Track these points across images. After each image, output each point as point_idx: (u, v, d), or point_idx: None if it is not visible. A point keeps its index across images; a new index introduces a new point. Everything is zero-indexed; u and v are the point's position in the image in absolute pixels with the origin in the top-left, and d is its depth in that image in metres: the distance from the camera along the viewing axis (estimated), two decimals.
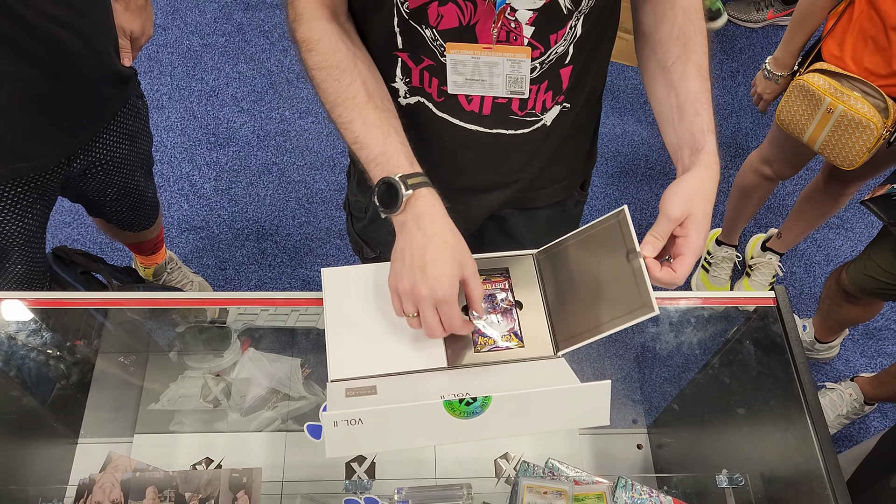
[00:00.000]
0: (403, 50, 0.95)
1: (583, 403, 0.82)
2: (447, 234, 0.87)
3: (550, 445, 1.54)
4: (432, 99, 1.00)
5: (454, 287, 0.85)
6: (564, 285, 0.96)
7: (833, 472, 0.99)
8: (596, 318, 0.91)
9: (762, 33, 3.11)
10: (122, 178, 1.54)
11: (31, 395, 1.36)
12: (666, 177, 2.67)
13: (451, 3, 0.87)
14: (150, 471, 0.91)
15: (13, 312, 1.17)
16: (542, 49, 0.93)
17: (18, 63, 1.15)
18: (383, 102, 0.94)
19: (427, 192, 0.89)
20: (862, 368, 2.29)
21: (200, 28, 2.91)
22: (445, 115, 1.02)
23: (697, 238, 0.87)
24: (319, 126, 2.68)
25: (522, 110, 1.01)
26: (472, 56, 0.92)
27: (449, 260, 0.85)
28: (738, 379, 1.27)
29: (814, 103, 1.62)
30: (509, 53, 0.92)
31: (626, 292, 0.89)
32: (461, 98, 0.98)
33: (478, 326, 0.94)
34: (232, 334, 1.56)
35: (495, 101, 0.99)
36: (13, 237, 1.36)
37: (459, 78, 0.96)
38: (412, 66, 0.97)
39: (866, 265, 1.78)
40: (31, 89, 1.20)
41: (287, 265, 2.36)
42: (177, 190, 2.48)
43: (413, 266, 0.85)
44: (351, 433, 0.77)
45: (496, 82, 0.96)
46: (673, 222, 0.88)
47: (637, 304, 0.87)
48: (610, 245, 0.94)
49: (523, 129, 1.04)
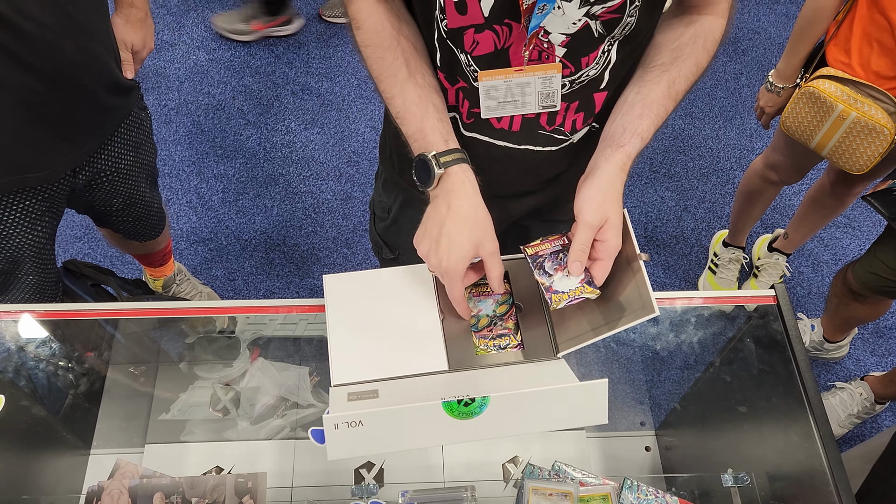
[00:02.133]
0: (441, 68, 0.97)
1: (580, 402, 0.82)
2: (469, 210, 0.90)
3: (558, 449, 1.54)
4: (462, 118, 1.03)
5: (460, 263, 0.89)
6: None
7: (836, 468, 0.99)
8: (597, 319, 0.91)
9: (764, 34, 3.12)
10: (127, 189, 1.57)
11: (44, 407, 1.38)
12: (671, 179, 2.67)
13: (487, 31, 0.89)
14: (156, 477, 0.92)
15: (26, 325, 1.19)
16: (573, 69, 0.94)
17: (18, 73, 1.17)
18: (424, 79, 0.96)
19: (458, 170, 0.92)
20: (872, 367, 2.28)
21: (206, 43, 2.95)
22: (474, 134, 1.04)
23: (615, 241, 0.89)
24: (325, 137, 2.71)
25: (551, 125, 1.02)
26: (504, 80, 0.94)
27: (463, 237, 0.89)
28: (740, 378, 1.27)
29: (824, 110, 1.62)
30: (540, 72, 0.93)
31: (626, 294, 0.89)
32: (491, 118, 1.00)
33: (548, 284, 0.92)
34: (241, 344, 1.57)
35: (524, 117, 1.00)
36: (24, 249, 1.38)
37: (492, 103, 0.98)
38: (448, 86, 0.99)
39: (872, 263, 1.77)
40: (32, 100, 1.22)
41: (294, 274, 2.38)
42: (185, 202, 2.51)
43: (430, 236, 0.91)
44: (352, 435, 0.78)
45: (528, 101, 0.97)
46: (593, 230, 0.89)
47: (638, 306, 0.88)
48: None
49: (551, 146, 1.05)
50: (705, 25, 0.97)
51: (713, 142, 2.79)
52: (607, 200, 0.89)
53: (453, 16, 0.89)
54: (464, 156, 0.94)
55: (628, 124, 0.94)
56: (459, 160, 0.93)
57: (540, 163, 1.08)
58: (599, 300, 0.92)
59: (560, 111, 1.00)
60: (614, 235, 0.88)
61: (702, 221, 2.58)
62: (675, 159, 2.74)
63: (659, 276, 2.46)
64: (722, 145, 2.78)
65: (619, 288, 0.91)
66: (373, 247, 1.52)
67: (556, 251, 0.95)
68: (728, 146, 2.78)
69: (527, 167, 1.09)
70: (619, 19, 0.88)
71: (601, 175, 0.91)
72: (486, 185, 1.12)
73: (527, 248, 0.97)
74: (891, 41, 1.50)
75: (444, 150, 0.93)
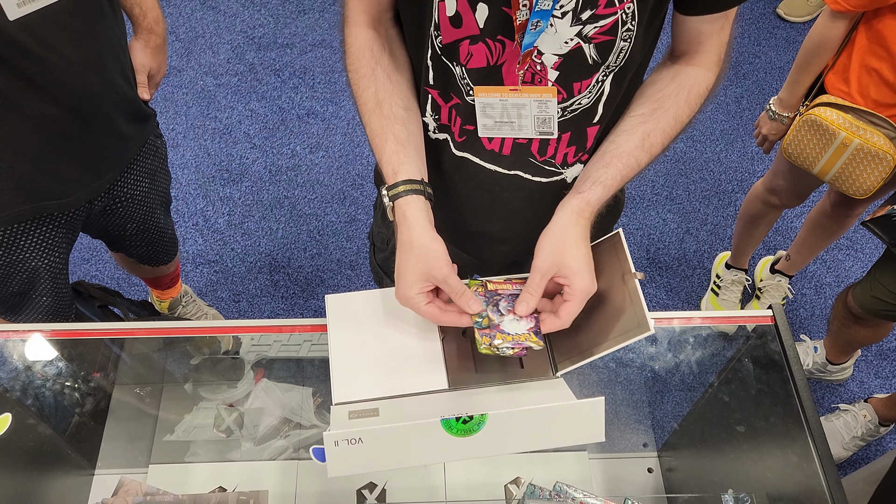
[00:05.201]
0: (434, 86, 0.99)
1: (578, 420, 0.84)
2: (415, 243, 0.92)
3: (561, 470, 1.54)
4: (454, 138, 1.04)
5: (410, 292, 0.91)
6: None
7: (834, 489, 1.00)
8: (594, 338, 0.93)
9: (765, 58, 3.15)
10: (141, 215, 1.59)
11: (50, 426, 1.39)
12: (672, 202, 2.69)
13: (480, 43, 0.91)
14: (160, 495, 0.93)
15: (33, 344, 1.21)
16: (566, 94, 0.95)
17: (40, 103, 1.19)
18: (391, 109, 0.98)
19: (404, 203, 0.94)
20: (877, 390, 2.27)
21: (214, 68, 3.00)
22: (465, 154, 1.06)
23: (580, 283, 0.90)
24: (330, 160, 2.74)
25: (542, 155, 1.03)
26: (500, 98, 0.96)
27: (410, 269, 0.91)
28: (739, 399, 1.28)
29: (826, 137, 1.63)
30: (536, 94, 0.94)
31: (622, 312, 0.91)
32: (483, 137, 1.02)
33: (497, 322, 0.94)
34: (245, 365, 1.59)
35: (516, 142, 1.02)
36: (40, 272, 1.41)
37: (489, 121, 0.99)
38: (441, 103, 1.01)
39: (872, 286, 1.78)
40: (53, 129, 1.24)
41: (299, 296, 2.39)
42: (191, 225, 2.54)
43: (397, 270, 0.93)
44: (351, 452, 0.80)
45: (525, 123, 0.98)
46: (544, 275, 0.91)
47: (633, 324, 0.89)
48: (606, 267, 0.97)
49: (541, 177, 1.06)
50: (691, 78, 0.98)
51: (714, 164, 2.81)
52: (560, 249, 0.91)
53: (448, 30, 0.90)
54: (415, 186, 0.95)
55: (592, 173, 0.96)
56: (407, 191, 0.94)
57: (530, 194, 1.08)
58: (596, 320, 0.94)
59: (552, 142, 1.01)
60: (578, 279, 0.90)
61: (704, 243, 2.60)
62: (677, 182, 2.76)
63: (661, 298, 2.47)
64: (723, 168, 2.80)
65: (615, 307, 0.92)
66: (374, 277, 1.54)
67: (514, 294, 0.97)
68: (729, 169, 2.80)
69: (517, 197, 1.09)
70: (612, 42, 0.89)
71: (556, 222, 0.94)
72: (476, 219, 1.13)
73: (488, 282, 0.99)
74: (890, 71, 1.52)
75: (392, 182, 0.95)
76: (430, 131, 1.05)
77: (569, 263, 0.90)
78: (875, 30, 1.51)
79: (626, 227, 2.62)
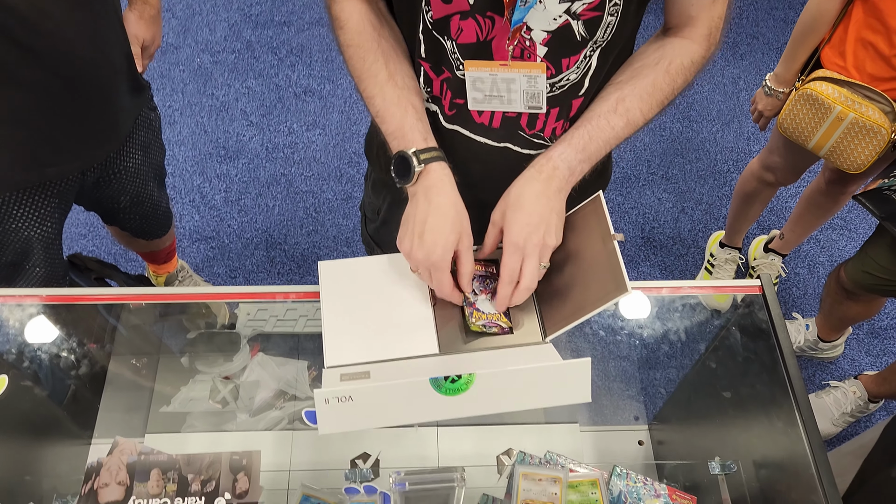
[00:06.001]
0: (426, 59, 1.00)
1: (564, 380, 0.85)
2: (449, 206, 0.94)
3: (552, 441, 1.56)
4: (443, 111, 1.05)
5: (446, 255, 0.92)
6: (549, 272, 1.00)
7: (818, 453, 1.02)
8: (578, 301, 0.94)
9: (762, 39, 3.15)
10: (134, 187, 1.59)
11: (46, 393, 1.41)
12: (668, 181, 2.70)
13: (470, 19, 0.92)
14: (154, 454, 0.95)
15: (30, 311, 1.22)
16: (554, 70, 0.96)
17: (36, 71, 1.19)
18: (403, 80, 0.99)
19: (437, 167, 0.95)
20: (867, 367, 2.29)
21: (211, 46, 2.99)
22: (455, 127, 1.06)
23: (509, 234, 0.93)
24: (326, 138, 2.74)
25: (531, 129, 1.04)
26: (489, 73, 0.96)
27: (446, 230, 0.92)
28: (727, 368, 1.29)
29: (822, 111, 1.64)
30: (525, 69, 0.95)
31: (602, 275, 0.92)
32: (472, 111, 1.03)
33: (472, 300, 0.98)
34: (241, 339, 1.60)
35: (505, 115, 1.02)
36: (33, 242, 1.41)
37: (479, 94, 1.00)
38: (433, 76, 1.02)
39: (864, 262, 1.79)
40: (50, 98, 1.24)
41: (295, 273, 2.41)
42: (188, 202, 2.55)
43: (414, 232, 0.93)
44: (342, 410, 0.81)
45: (514, 98, 0.99)
46: (494, 225, 0.96)
47: (612, 287, 0.90)
48: (588, 230, 0.98)
49: (530, 149, 1.07)
50: (675, 49, 0.98)
51: (710, 145, 2.82)
52: (507, 198, 0.96)
53: (438, 6, 0.91)
54: (442, 154, 0.97)
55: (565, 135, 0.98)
56: (438, 158, 0.96)
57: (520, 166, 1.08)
58: (580, 284, 0.95)
59: (541, 116, 1.02)
60: (508, 230, 0.94)
61: (699, 223, 2.61)
62: (673, 162, 2.77)
63: (656, 277, 2.48)
64: (719, 148, 2.81)
65: (596, 270, 0.94)
66: (366, 248, 1.55)
67: (483, 276, 1.01)
68: (725, 149, 2.81)
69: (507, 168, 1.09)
70: (599, 18, 0.90)
71: (518, 180, 0.97)
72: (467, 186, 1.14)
73: None
74: (885, 45, 1.52)
75: (423, 147, 0.96)
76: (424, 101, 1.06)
77: (507, 216, 0.93)
78: (871, 3, 1.51)
79: (621, 207, 2.63)
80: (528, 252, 0.92)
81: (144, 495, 0.91)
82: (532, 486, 1.14)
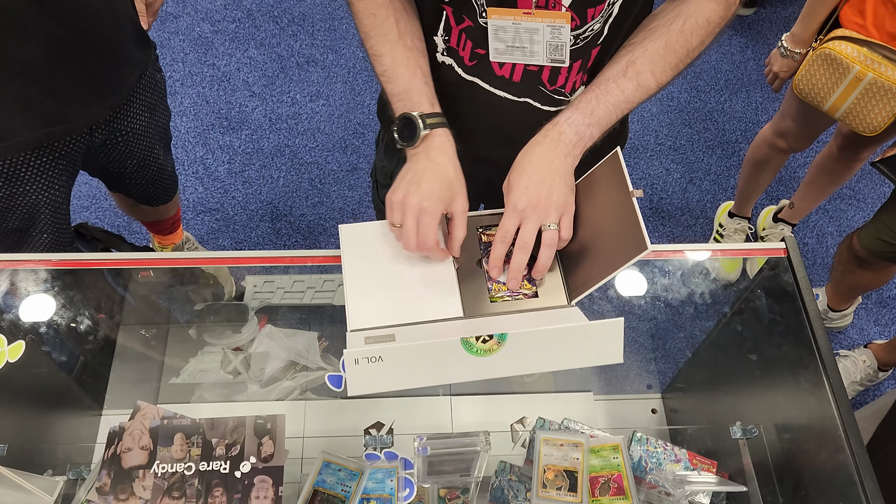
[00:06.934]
0: (450, 4, 0.97)
1: (597, 341, 0.84)
2: (450, 167, 0.93)
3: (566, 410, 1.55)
4: (462, 63, 1.02)
5: (440, 204, 0.91)
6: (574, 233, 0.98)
7: (846, 414, 1.01)
8: (600, 262, 0.92)
9: (770, 8, 3.11)
10: (141, 150, 1.57)
11: (58, 367, 1.39)
12: (676, 152, 2.68)
13: None
14: (177, 419, 0.94)
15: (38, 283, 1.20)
16: (579, 21, 0.94)
17: (43, 21, 1.17)
18: (413, 41, 0.98)
19: (442, 132, 0.94)
20: (877, 337, 2.29)
21: (211, 15, 2.94)
22: (475, 79, 1.04)
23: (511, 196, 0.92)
24: (330, 108, 2.70)
25: (552, 84, 1.02)
26: (512, 22, 0.94)
27: (444, 184, 0.92)
28: (751, 331, 1.28)
29: (840, 71, 1.61)
30: (549, 19, 0.92)
31: (622, 233, 0.90)
32: (493, 63, 1.00)
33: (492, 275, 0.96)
34: (249, 311, 1.58)
35: (526, 69, 1.00)
36: (41, 206, 1.39)
37: (501, 45, 0.97)
38: (453, 24, 0.99)
39: (878, 228, 1.78)
40: (55, 48, 1.22)
41: (301, 244, 2.38)
42: (191, 173, 2.52)
43: (411, 181, 0.92)
44: (371, 371, 0.80)
45: (537, 49, 0.97)
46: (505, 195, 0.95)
47: (633, 245, 0.88)
48: (607, 188, 0.96)
49: (550, 105, 1.05)
50: (692, 7, 0.95)
51: (719, 114, 2.79)
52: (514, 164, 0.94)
53: None
54: (446, 121, 0.96)
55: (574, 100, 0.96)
56: (443, 124, 0.95)
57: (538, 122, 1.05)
58: (602, 244, 0.93)
59: (563, 71, 1.00)
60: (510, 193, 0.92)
61: (707, 193, 2.59)
62: (681, 132, 2.74)
63: None
64: (727, 118, 2.78)
65: (617, 229, 0.92)
66: (377, 216, 1.53)
67: None
68: (734, 119, 2.78)
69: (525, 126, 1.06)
70: None
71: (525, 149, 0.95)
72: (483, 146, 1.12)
73: (482, 234, 1.01)
74: None
75: (429, 111, 0.95)
76: (439, 52, 1.04)
77: (509, 179, 0.93)
78: None
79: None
80: (527, 215, 0.91)
81: (169, 460, 0.89)
82: (554, 451, 1.13)
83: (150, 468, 0.90)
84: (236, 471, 0.90)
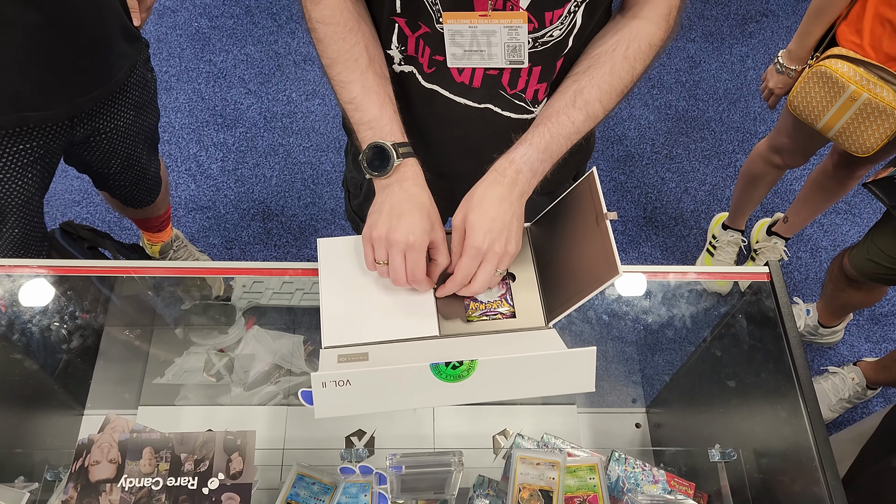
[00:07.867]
0: (402, 15, 0.95)
1: (569, 369, 0.83)
2: (425, 198, 0.93)
3: (549, 423, 1.55)
4: (422, 70, 1.01)
5: (425, 237, 0.90)
6: (551, 254, 0.97)
7: (822, 444, 1.00)
8: (576, 285, 0.92)
9: (772, 17, 3.09)
10: (124, 150, 1.55)
11: (40, 367, 1.39)
12: (672, 161, 2.66)
13: None
14: (146, 432, 0.93)
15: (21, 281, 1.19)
16: (537, 24, 0.93)
17: (26, 11, 1.16)
18: (382, 69, 0.97)
19: (413, 162, 0.94)
20: (867, 354, 2.28)
21: (209, 10, 2.92)
22: (434, 87, 1.03)
23: (470, 238, 0.91)
24: (326, 108, 2.69)
25: (512, 88, 1.01)
26: (468, 25, 0.92)
27: (424, 216, 0.91)
28: (731, 355, 1.27)
29: (835, 90, 1.60)
30: (506, 20, 0.91)
31: (596, 256, 0.90)
32: (452, 69, 0.99)
33: None
34: (236, 312, 1.58)
35: (486, 73, 0.99)
36: (11, 196, 1.37)
37: (458, 50, 0.96)
38: (409, 33, 0.97)
39: (868, 249, 1.77)
40: (37, 38, 1.21)
41: (292, 245, 2.38)
42: (184, 170, 2.51)
43: (391, 215, 0.91)
44: (339, 394, 0.79)
45: (495, 52, 0.96)
46: (456, 230, 0.94)
47: (605, 269, 0.88)
48: (583, 209, 0.95)
49: (511, 112, 1.04)
50: (633, 32, 0.95)
51: (716, 124, 2.78)
52: (470, 201, 0.93)
53: None
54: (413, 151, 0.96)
55: (525, 134, 0.96)
56: (412, 154, 0.95)
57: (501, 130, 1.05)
58: (577, 267, 0.93)
59: (523, 74, 0.99)
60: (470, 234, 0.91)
61: (702, 204, 2.57)
62: (678, 141, 2.73)
63: (657, 258, 2.46)
64: (725, 128, 2.77)
65: (591, 252, 0.91)
66: (352, 224, 1.52)
67: None
68: (731, 129, 2.77)
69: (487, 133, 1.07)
70: None
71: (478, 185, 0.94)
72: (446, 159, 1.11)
73: None
74: None
75: (401, 141, 0.94)
76: (396, 63, 1.02)
77: (469, 218, 0.91)
78: None
79: (623, 185, 2.59)
80: (487, 258, 0.91)
81: (136, 474, 0.89)
82: (530, 470, 1.12)
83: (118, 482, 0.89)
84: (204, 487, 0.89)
